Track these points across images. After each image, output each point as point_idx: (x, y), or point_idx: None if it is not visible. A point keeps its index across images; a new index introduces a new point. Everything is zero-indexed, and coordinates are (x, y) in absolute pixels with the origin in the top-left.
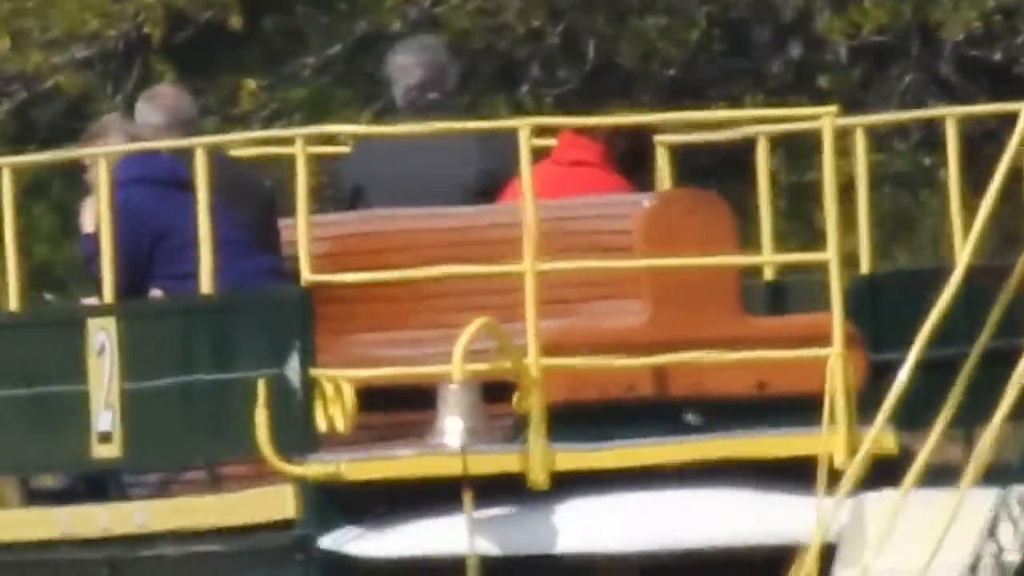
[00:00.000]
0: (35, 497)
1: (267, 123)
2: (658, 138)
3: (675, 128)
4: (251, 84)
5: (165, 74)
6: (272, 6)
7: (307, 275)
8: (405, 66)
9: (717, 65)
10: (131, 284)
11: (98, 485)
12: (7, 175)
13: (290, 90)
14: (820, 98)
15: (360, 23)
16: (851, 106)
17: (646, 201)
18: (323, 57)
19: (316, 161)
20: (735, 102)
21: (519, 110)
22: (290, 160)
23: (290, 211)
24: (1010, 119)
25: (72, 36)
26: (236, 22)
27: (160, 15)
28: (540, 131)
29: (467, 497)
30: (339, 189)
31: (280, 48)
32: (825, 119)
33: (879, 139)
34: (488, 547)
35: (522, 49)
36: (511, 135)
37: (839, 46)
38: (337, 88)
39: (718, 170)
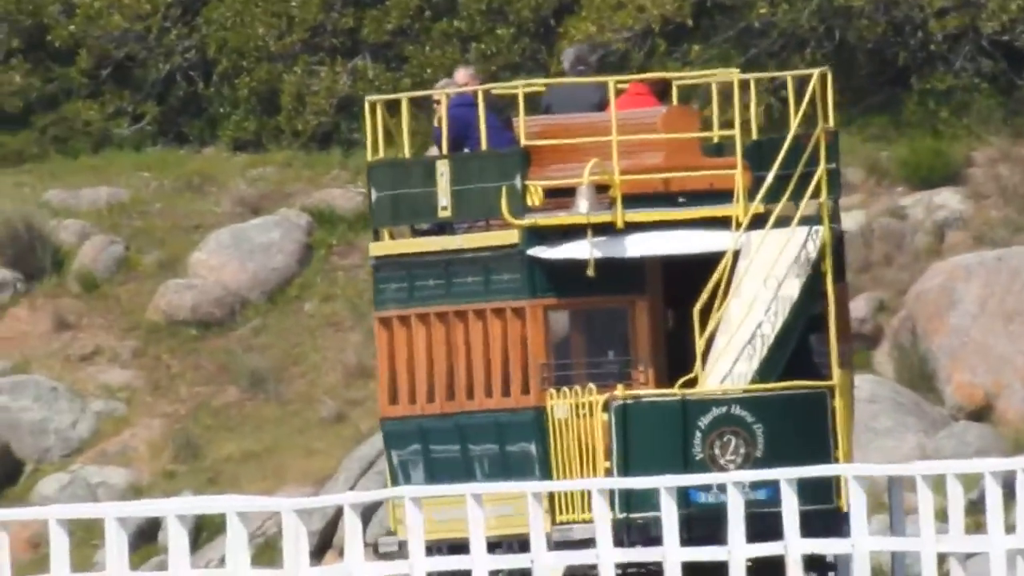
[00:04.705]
0: (416, 233)
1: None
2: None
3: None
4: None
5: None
6: None
7: (524, 141)
8: (568, 55)
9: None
10: (454, 148)
11: (441, 228)
12: (406, 103)
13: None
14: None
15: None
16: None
17: (663, 110)
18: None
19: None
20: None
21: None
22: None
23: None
24: None
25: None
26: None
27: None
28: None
29: (590, 232)
30: (540, 107)
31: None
32: (731, 74)
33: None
34: (598, 253)
35: None
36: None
37: None
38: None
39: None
